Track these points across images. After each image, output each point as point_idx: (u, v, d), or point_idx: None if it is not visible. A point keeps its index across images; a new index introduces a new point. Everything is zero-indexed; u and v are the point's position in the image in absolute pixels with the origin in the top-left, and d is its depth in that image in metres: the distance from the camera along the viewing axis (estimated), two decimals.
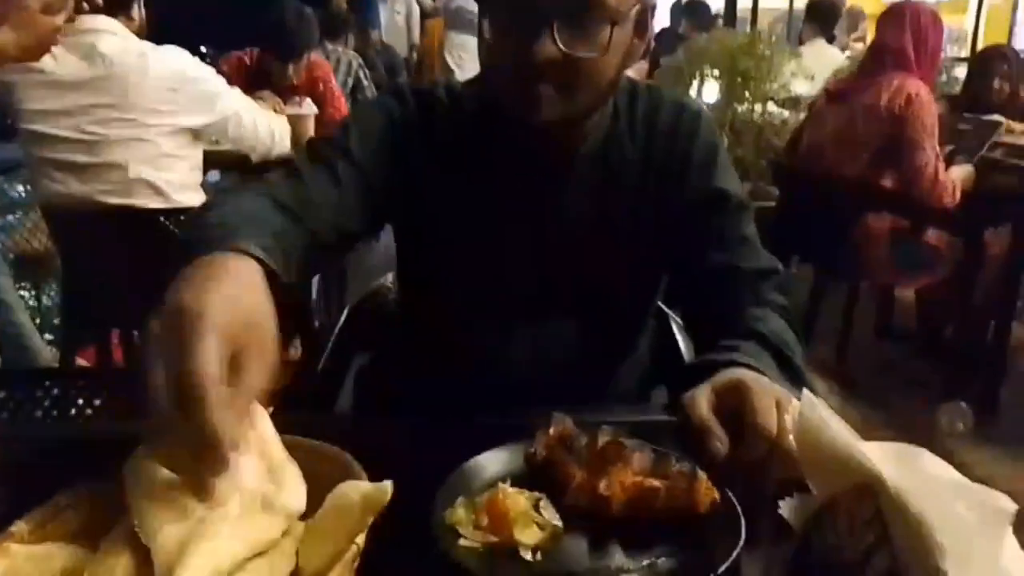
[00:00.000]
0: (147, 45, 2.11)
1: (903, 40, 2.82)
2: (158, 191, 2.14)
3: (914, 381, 3.17)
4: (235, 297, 0.61)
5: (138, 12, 2.23)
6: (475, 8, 0.96)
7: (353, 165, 0.98)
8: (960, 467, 0.60)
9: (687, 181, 1.06)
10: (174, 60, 2.13)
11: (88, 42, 2.04)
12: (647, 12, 0.97)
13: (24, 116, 2.08)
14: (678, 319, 1.29)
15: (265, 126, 2.43)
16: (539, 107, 0.92)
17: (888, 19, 2.95)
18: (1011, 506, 0.53)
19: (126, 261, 2.07)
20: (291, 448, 0.64)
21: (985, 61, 3.55)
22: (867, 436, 0.61)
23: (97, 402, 1.06)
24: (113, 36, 2.07)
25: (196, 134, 2.21)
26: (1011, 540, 0.54)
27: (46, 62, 1.97)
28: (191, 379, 0.53)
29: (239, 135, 2.34)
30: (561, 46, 0.88)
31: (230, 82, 2.34)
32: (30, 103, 2.06)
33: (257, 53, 3.12)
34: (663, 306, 1.27)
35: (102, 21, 2.07)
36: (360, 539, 0.56)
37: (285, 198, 0.89)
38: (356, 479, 0.61)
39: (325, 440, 0.68)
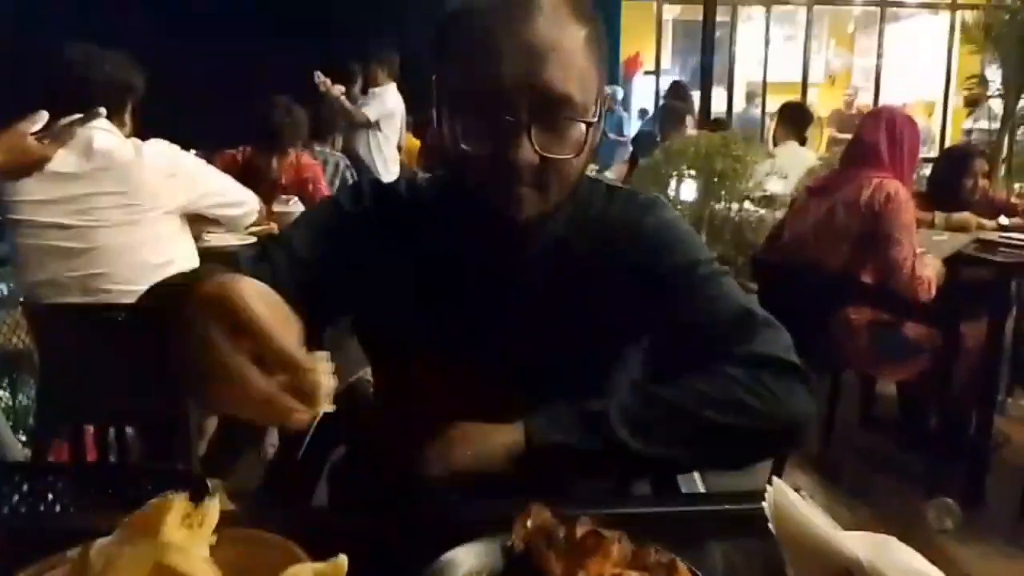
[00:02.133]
0: (137, 141, 2.21)
1: (879, 141, 2.93)
2: (147, 275, 2.16)
3: (899, 470, 3.16)
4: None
5: (129, 119, 2.33)
6: None
7: (293, 260, 1.02)
8: (950, 564, 0.60)
9: (657, 264, 1.05)
10: (165, 148, 2.24)
11: (84, 138, 2.11)
12: (613, 100, 1.01)
13: (16, 208, 2.13)
14: None
15: (236, 195, 2.51)
16: (520, 207, 0.94)
17: (866, 122, 3.11)
18: None
19: (105, 358, 2.06)
20: (235, 539, 0.64)
21: (965, 159, 3.67)
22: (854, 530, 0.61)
23: (67, 499, 1.04)
24: (107, 133, 2.16)
25: (184, 214, 2.29)
26: None
27: None
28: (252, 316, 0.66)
29: (220, 204, 2.41)
30: (539, 150, 0.91)
31: None
32: (24, 195, 2.12)
33: (248, 150, 3.20)
34: None
35: (96, 120, 2.13)
36: None
37: None
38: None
39: (297, 535, 0.67)
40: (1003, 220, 3.64)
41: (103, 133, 2.15)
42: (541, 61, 0.90)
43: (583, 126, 0.94)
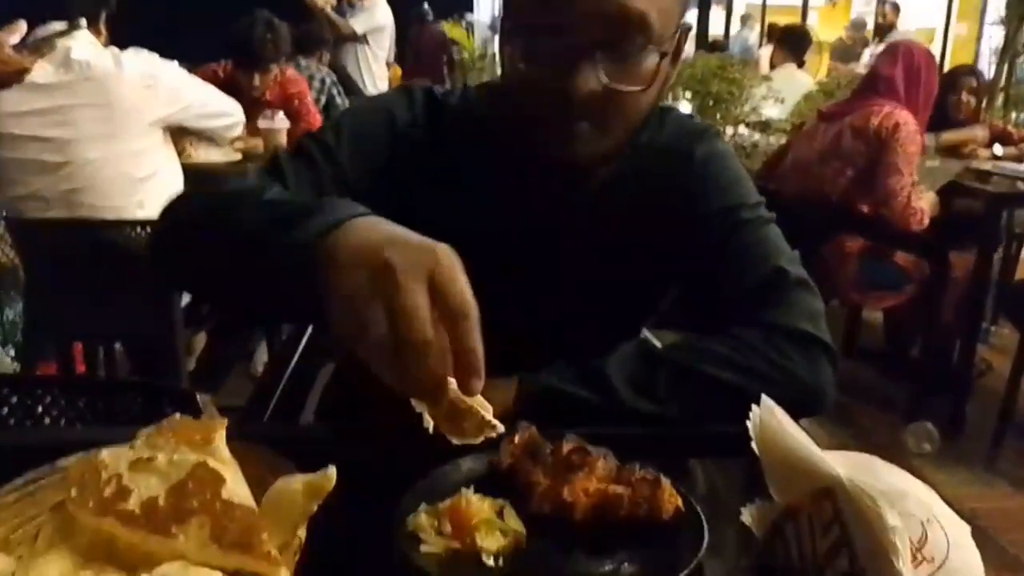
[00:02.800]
0: (115, 50, 2.17)
1: (895, 74, 2.91)
2: (129, 189, 2.16)
3: (882, 400, 3.21)
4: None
5: (104, 28, 2.29)
6: None
7: (337, 171, 0.94)
8: (928, 488, 0.61)
9: (699, 203, 1.00)
10: (144, 59, 2.20)
11: (63, 49, 2.06)
12: (684, 36, 0.91)
13: None
14: None
15: (220, 106, 2.48)
16: (573, 143, 0.85)
17: (883, 56, 3.08)
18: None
19: (91, 273, 2.05)
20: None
21: (954, 77, 3.69)
22: None
23: (55, 412, 1.04)
24: (86, 43, 2.11)
25: (166, 127, 2.27)
26: None
27: None
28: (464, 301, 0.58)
29: (203, 115, 2.39)
30: (604, 79, 0.81)
31: None
32: (3, 107, 2.08)
33: (230, 65, 3.13)
34: None
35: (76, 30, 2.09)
36: (302, 531, 0.56)
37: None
38: None
39: (287, 449, 0.67)
40: (997, 150, 3.62)
41: (82, 43, 2.11)
42: None
43: (657, 56, 0.83)
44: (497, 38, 0.94)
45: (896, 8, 7.66)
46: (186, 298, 2.23)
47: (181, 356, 2.26)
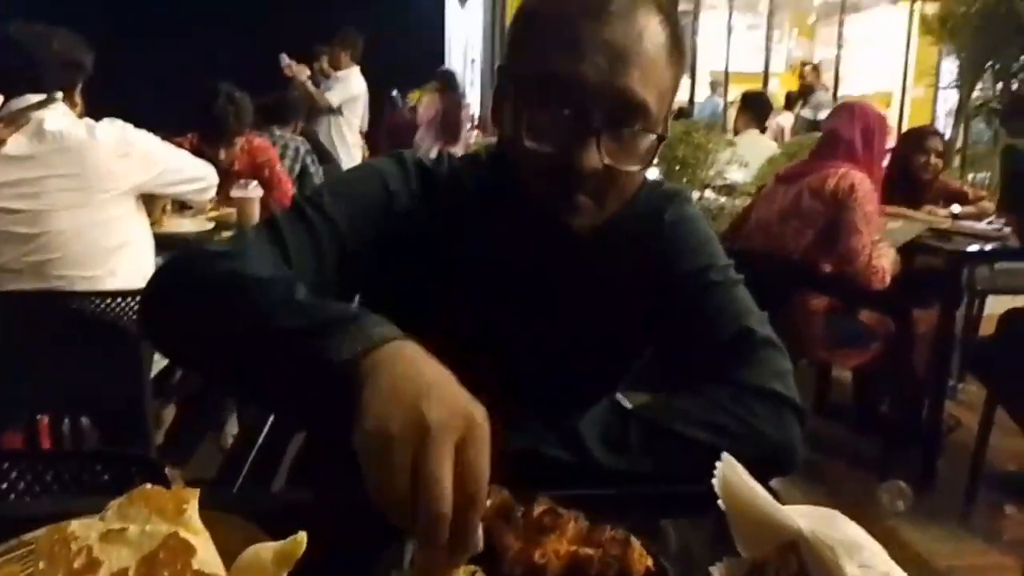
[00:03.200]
0: (89, 120, 2.17)
1: (852, 134, 3.00)
2: (102, 259, 2.15)
3: (853, 456, 3.23)
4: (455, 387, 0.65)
5: (80, 98, 2.29)
6: None
7: (336, 235, 0.95)
8: (902, 546, 0.62)
9: (670, 265, 1.03)
10: (118, 128, 2.20)
11: (36, 120, 2.07)
12: (669, 118, 0.97)
13: None
14: None
15: (194, 171, 2.47)
16: (577, 214, 0.90)
17: (839, 114, 3.17)
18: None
19: (58, 344, 2.03)
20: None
21: (919, 137, 3.75)
22: None
23: (22, 485, 1.02)
24: (59, 114, 2.12)
25: (139, 195, 2.26)
26: None
27: None
28: (482, 486, 0.60)
29: (177, 181, 2.39)
30: (606, 158, 0.87)
31: None
32: None
33: (196, 138, 3.16)
34: None
35: (42, 99, 2.11)
36: None
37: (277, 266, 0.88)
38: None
39: (257, 517, 0.67)
40: (955, 209, 3.72)
41: (55, 114, 2.11)
42: (623, 64, 0.86)
43: (653, 138, 0.90)
44: (491, 109, 0.97)
45: (816, 70, 7.99)
46: (156, 368, 2.21)
47: (150, 428, 2.23)
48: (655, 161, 0.96)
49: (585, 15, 0.87)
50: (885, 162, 3.65)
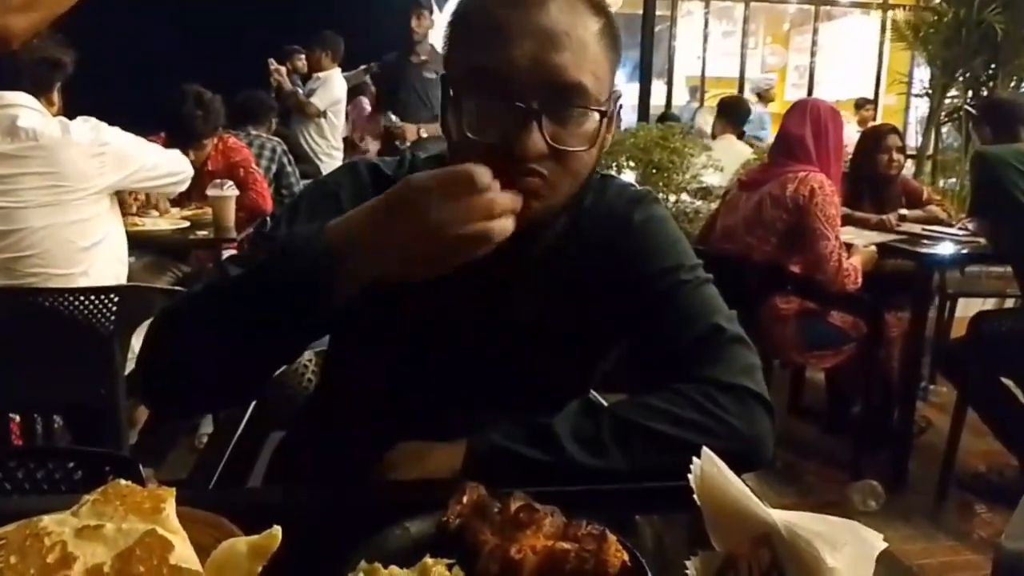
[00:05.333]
0: (64, 119, 2.17)
1: (804, 133, 3.01)
2: (75, 258, 2.13)
3: (826, 457, 3.26)
4: None
5: (57, 97, 2.27)
6: None
7: None
8: None
9: (639, 265, 1.04)
10: (92, 127, 2.20)
11: (8, 117, 2.06)
12: (618, 103, 0.97)
13: None
14: None
15: (170, 166, 2.49)
16: (525, 200, 0.88)
17: (791, 114, 3.17)
18: (880, 543, 0.57)
19: (31, 342, 2.01)
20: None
21: (877, 136, 3.77)
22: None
23: None
24: (33, 112, 2.11)
25: (113, 194, 2.27)
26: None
27: None
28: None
29: (152, 178, 2.39)
30: (550, 140, 0.87)
31: None
32: None
33: (164, 140, 3.14)
34: None
35: (21, 97, 2.11)
36: None
37: None
38: None
39: (232, 514, 0.67)
40: (903, 211, 3.76)
41: (28, 111, 2.10)
42: (553, 46, 0.87)
43: (596, 116, 0.90)
44: (440, 120, 0.98)
45: (769, 83, 8.09)
46: (129, 367, 2.19)
47: (123, 428, 2.21)
48: (606, 145, 0.97)
49: (512, 6, 0.89)
50: (847, 159, 3.70)
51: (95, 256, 2.19)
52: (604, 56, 0.92)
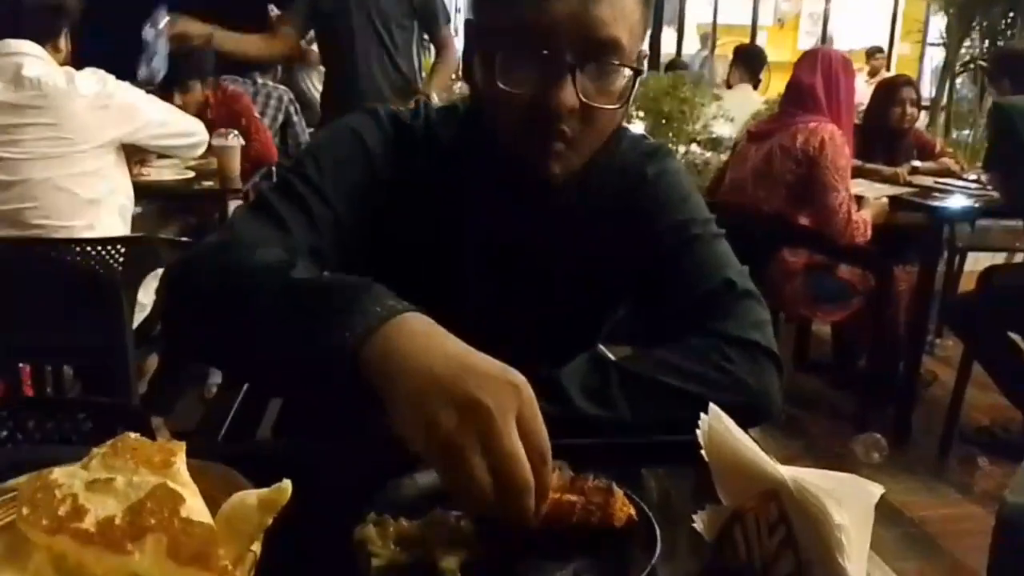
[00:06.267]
0: (70, 69, 2.14)
1: (815, 83, 2.96)
2: (79, 211, 2.13)
3: (831, 411, 3.28)
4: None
5: (65, 43, 2.24)
6: None
7: (327, 206, 0.95)
8: None
9: (652, 219, 1.03)
10: (98, 79, 2.17)
11: (13, 65, 2.04)
12: (643, 61, 0.97)
13: None
14: None
15: (181, 126, 2.44)
16: (549, 161, 0.89)
17: (801, 63, 3.11)
18: (879, 491, 0.59)
19: (40, 293, 2.01)
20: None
21: (893, 89, 3.71)
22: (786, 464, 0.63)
23: (4, 432, 1.02)
24: (38, 60, 2.09)
25: (119, 147, 2.24)
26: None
27: None
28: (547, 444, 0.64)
29: (161, 135, 2.35)
30: (582, 96, 0.86)
31: None
32: None
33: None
34: None
35: (26, 46, 2.09)
36: (257, 546, 0.56)
37: (287, 249, 0.87)
38: None
39: (242, 466, 0.67)
40: (915, 163, 3.71)
41: (33, 60, 2.07)
42: (592, 0, 0.86)
43: (628, 74, 0.89)
44: (461, 66, 0.97)
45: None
46: (138, 318, 2.20)
47: (132, 378, 2.22)
48: (632, 101, 0.96)
49: None
50: (860, 110, 3.64)
51: (100, 210, 2.19)
52: (640, 13, 0.91)
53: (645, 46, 1.00)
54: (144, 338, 2.29)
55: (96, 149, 2.16)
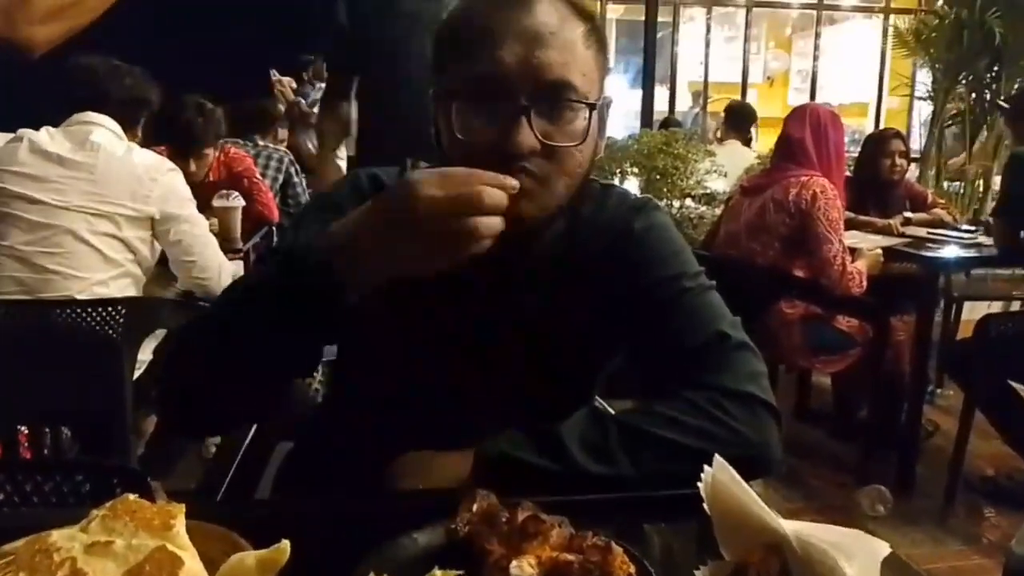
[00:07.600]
0: (133, 144, 2.30)
1: (804, 137, 3.01)
2: (97, 267, 2.17)
3: (832, 462, 3.25)
4: None
5: (140, 131, 2.42)
6: None
7: None
8: None
9: (641, 273, 1.04)
10: (158, 157, 2.32)
11: (84, 131, 2.20)
12: (606, 107, 0.99)
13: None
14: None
15: (216, 260, 2.44)
16: (517, 198, 0.87)
17: (791, 118, 3.17)
18: (885, 549, 0.58)
19: (38, 353, 2.02)
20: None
21: (882, 140, 3.77)
22: (789, 518, 0.63)
23: (1, 495, 1.02)
24: (107, 131, 2.23)
25: (156, 227, 2.29)
26: None
27: (41, 136, 2.17)
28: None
29: (190, 239, 2.36)
30: (540, 136, 0.89)
31: None
32: (7, 164, 2.16)
33: (167, 150, 3.15)
34: None
35: (107, 120, 2.25)
36: None
37: None
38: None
39: (240, 527, 0.67)
40: (908, 214, 3.75)
41: (103, 130, 2.22)
42: (539, 45, 0.90)
43: (586, 111, 0.92)
44: (433, 135, 0.99)
45: None
46: (136, 375, 2.20)
47: (130, 439, 2.21)
48: (599, 150, 1.00)
49: (498, 11, 0.92)
50: (849, 162, 3.69)
51: (117, 272, 2.23)
52: (591, 57, 0.94)
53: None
54: (142, 395, 2.28)
55: (132, 219, 2.22)
